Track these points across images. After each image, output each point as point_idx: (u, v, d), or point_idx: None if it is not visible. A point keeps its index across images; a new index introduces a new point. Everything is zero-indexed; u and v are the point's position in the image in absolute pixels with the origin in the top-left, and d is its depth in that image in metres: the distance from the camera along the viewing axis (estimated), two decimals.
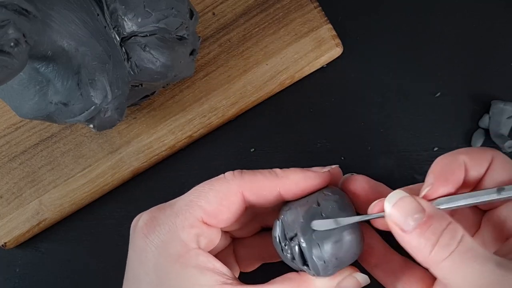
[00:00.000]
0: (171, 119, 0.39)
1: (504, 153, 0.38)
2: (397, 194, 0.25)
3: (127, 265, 0.29)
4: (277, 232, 0.28)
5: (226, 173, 0.29)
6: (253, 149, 0.39)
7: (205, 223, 0.28)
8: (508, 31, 0.40)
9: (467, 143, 0.38)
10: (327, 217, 0.27)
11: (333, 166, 0.30)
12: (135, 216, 0.39)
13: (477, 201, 0.26)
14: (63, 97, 0.30)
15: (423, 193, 0.26)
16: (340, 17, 0.40)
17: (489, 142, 0.38)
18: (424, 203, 0.24)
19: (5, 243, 0.38)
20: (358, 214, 0.28)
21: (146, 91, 0.36)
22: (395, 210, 0.24)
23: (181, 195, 0.39)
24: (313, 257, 0.26)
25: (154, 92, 0.37)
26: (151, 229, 0.28)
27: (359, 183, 0.30)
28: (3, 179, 0.39)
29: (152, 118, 0.39)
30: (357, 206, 0.30)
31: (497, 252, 0.26)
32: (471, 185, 0.27)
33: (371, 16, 0.41)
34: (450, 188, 0.26)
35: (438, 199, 0.26)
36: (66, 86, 0.30)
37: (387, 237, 0.31)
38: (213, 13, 0.40)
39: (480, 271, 0.22)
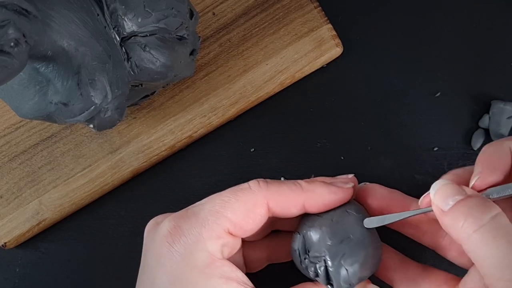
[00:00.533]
0: (171, 119, 0.39)
1: None
2: (441, 182, 0.26)
3: (142, 268, 0.29)
4: (297, 245, 0.29)
5: (250, 183, 0.29)
6: (253, 149, 0.39)
7: (230, 234, 0.28)
8: (508, 31, 0.40)
9: (467, 143, 0.38)
10: (354, 238, 0.28)
11: (350, 176, 0.30)
12: (135, 216, 0.39)
13: None
14: (63, 97, 0.30)
15: (472, 183, 0.26)
16: (340, 17, 0.40)
17: (489, 142, 0.38)
18: (466, 188, 0.25)
19: (5, 243, 0.38)
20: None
21: (146, 91, 0.36)
22: (437, 194, 0.25)
23: (181, 195, 0.39)
24: (341, 281, 0.27)
25: (154, 92, 0.37)
26: (176, 238, 0.28)
27: (374, 193, 0.30)
28: (3, 179, 0.39)
29: (152, 118, 0.39)
30: (372, 214, 0.30)
31: None
32: None
33: (371, 16, 0.41)
34: (498, 176, 0.26)
35: (488, 190, 0.26)
36: (66, 86, 0.30)
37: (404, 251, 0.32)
38: (213, 13, 0.40)
39: (509, 249, 0.22)
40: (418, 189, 0.37)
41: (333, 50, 0.39)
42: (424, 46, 0.40)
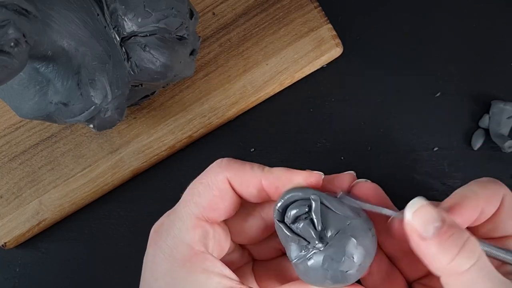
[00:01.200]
0: (171, 119, 0.39)
1: (504, 153, 0.38)
2: (418, 201, 0.25)
3: (141, 274, 0.29)
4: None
5: (214, 163, 0.29)
6: (253, 149, 0.39)
7: (207, 221, 0.28)
8: (508, 31, 0.40)
9: (467, 143, 0.38)
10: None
11: (350, 172, 0.30)
12: (135, 216, 0.39)
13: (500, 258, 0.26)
14: (63, 97, 0.30)
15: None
16: (340, 17, 0.40)
17: (489, 142, 0.38)
18: (444, 213, 0.24)
19: (5, 243, 0.38)
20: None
21: (146, 91, 0.36)
22: (415, 217, 0.24)
23: (181, 195, 0.39)
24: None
25: (154, 92, 0.37)
26: (158, 236, 0.28)
27: (370, 190, 0.30)
28: (3, 179, 0.39)
29: (152, 118, 0.39)
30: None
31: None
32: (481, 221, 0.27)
33: (371, 16, 0.41)
34: (460, 223, 0.26)
35: None
36: (66, 86, 0.30)
37: None
38: (213, 13, 0.40)
39: None
40: (418, 189, 0.37)
41: (333, 50, 0.39)
42: (424, 46, 0.40)
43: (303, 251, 0.26)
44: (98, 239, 0.39)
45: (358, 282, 0.28)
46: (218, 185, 0.28)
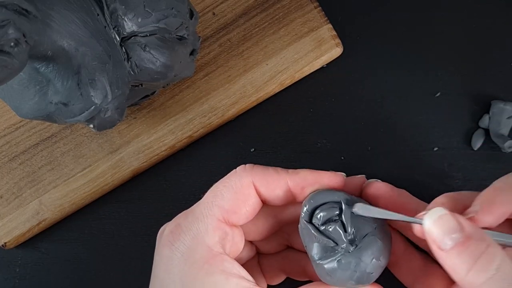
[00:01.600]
0: (171, 119, 0.39)
1: (504, 153, 0.38)
2: (437, 211, 0.25)
3: (152, 273, 0.29)
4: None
5: (238, 168, 0.29)
6: (253, 149, 0.39)
7: (227, 223, 0.28)
8: (508, 31, 0.40)
9: (467, 143, 0.38)
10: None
11: (359, 176, 0.31)
12: (135, 216, 0.39)
13: None
14: (63, 97, 0.30)
15: (469, 215, 0.26)
16: (340, 17, 0.40)
17: (489, 142, 0.38)
18: (464, 222, 0.24)
19: (5, 243, 0.38)
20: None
21: (146, 91, 0.36)
22: (434, 227, 0.24)
23: (181, 195, 0.39)
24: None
25: (154, 92, 0.37)
26: (176, 237, 0.28)
27: (382, 192, 0.30)
28: (3, 179, 0.39)
29: (152, 118, 0.39)
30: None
31: None
32: None
33: (371, 16, 0.41)
34: (494, 221, 0.25)
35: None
36: (66, 86, 0.30)
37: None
38: (213, 13, 0.40)
39: None
40: (418, 189, 0.37)
41: (333, 50, 0.39)
42: (424, 46, 0.40)
43: (329, 252, 0.27)
44: (98, 239, 0.39)
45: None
46: (242, 189, 0.28)
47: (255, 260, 0.34)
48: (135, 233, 0.39)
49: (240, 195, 0.28)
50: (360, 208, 0.27)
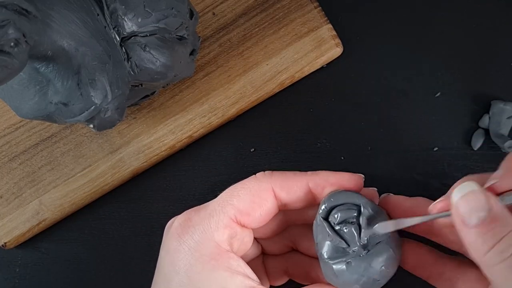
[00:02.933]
0: (171, 119, 0.39)
1: (504, 153, 0.38)
2: (468, 186, 0.25)
3: (157, 266, 0.29)
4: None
5: (257, 174, 0.29)
6: (253, 149, 0.39)
7: (239, 223, 0.28)
8: (508, 31, 0.40)
9: (467, 143, 0.38)
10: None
11: (372, 188, 0.31)
12: (135, 216, 0.39)
13: None
14: (63, 97, 0.30)
15: (487, 184, 0.25)
16: (340, 17, 0.40)
17: (489, 142, 0.38)
18: (493, 201, 0.24)
19: (5, 243, 0.38)
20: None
21: (146, 91, 0.36)
22: (462, 202, 0.24)
23: (181, 195, 0.39)
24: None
25: (154, 92, 0.37)
26: (185, 230, 0.28)
27: (398, 205, 0.30)
28: (3, 179, 0.39)
29: (152, 118, 0.39)
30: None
31: None
32: None
33: (371, 16, 0.41)
34: None
35: (508, 194, 0.25)
36: (66, 86, 0.30)
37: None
38: (213, 13, 0.40)
39: None
40: (418, 189, 0.37)
41: (333, 50, 0.39)
42: (424, 46, 0.40)
43: (340, 252, 0.27)
44: (98, 239, 0.39)
45: None
46: (260, 193, 0.28)
47: (260, 259, 0.34)
48: (135, 233, 0.39)
49: (257, 198, 0.28)
50: (381, 227, 0.27)
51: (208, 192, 0.30)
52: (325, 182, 0.29)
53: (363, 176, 0.30)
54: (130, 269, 0.38)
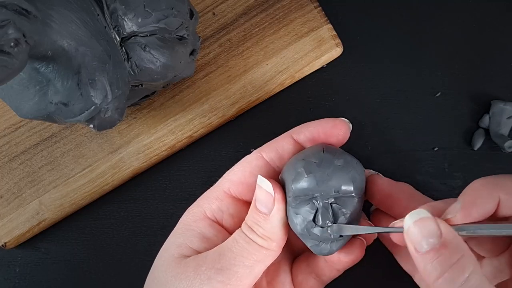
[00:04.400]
0: (171, 119, 0.39)
1: (504, 153, 0.38)
2: (420, 213, 0.25)
3: None
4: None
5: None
6: (253, 149, 0.39)
7: (233, 196, 0.29)
8: (508, 31, 0.40)
9: (467, 143, 0.38)
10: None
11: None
12: (135, 216, 0.39)
13: (503, 234, 0.25)
14: (63, 97, 0.30)
15: (448, 217, 0.25)
16: (340, 17, 0.40)
17: (489, 142, 0.38)
18: (444, 228, 0.24)
19: (5, 243, 0.38)
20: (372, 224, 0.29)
21: (146, 91, 0.36)
22: (414, 228, 0.24)
23: (181, 195, 0.39)
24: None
25: (154, 92, 0.37)
26: (188, 211, 0.30)
27: (380, 187, 0.30)
28: (3, 179, 0.39)
29: (152, 118, 0.39)
30: (377, 204, 0.31)
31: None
32: (499, 219, 0.27)
33: (371, 16, 0.41)
34: (476, 218, 0.25)
35: (462, 225, 0.25)
36: (66, 86, 0.30)
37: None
38: (213, 13, 0.40)
39: None
40: (418, 189, 0.37)
41: (333, 50, 0.39)
42: (424, 46, 0.40)
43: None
44: (98, 240, 0.39)
45: None
46: (251, 162, 0.29)
47: (287, 262, 0.32)
48: (135, 233, 0.39)
49: (248, 167, 0.29)
50: (336, 230, 0.27)
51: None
52: (306, 130, 0.29)
53: (347, 121, 0.30)
54: (130, 269, 0.38)
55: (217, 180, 0.30)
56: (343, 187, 0.27)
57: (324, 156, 0.27)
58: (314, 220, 0.27)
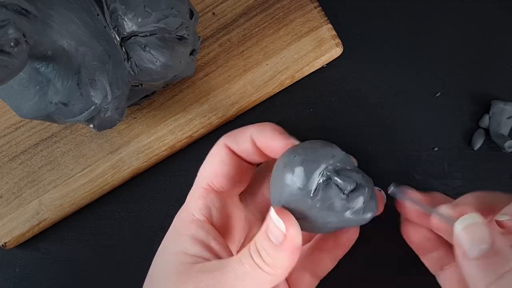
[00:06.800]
0: (171, 119, 0.39)
1: (504, 153, 0.38)
2: (472, 218, 0.24)
3: None
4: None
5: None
6: None
7: (213, 189, 0.29)
8: (508, 31, 0.40)
9: (467, 143, 0.38)
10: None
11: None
12: (135, 216, 0.39)
13: None
14: (63, 97, 0.30)
15: (500, 219, 0.25)
16: (340, 17, 0.40)
17: (489, 142, 0.38)
18: (496, 236, 0.23)
19: (5, 243, 0.38)
20: None
21: (146, 91, 0.36)
22: (464, 233, 0.24)
23: (181, 195, 0.39)
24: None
25: (154, 92, 0.37)
26: (176, 216, 0.30)
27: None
28: (3, 179, 0.39)
29: (152, 118, 0.39)
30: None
31: None
32: None
33: (371, 16, 0.41)
34: None
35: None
36: (66, 86, 0.30)
37: None
38: (213, 13, 0.40)
39: None
40: (418, 189, 0.37)
41: (333, 50, 0.39)
42: (424, 46, 0.40)
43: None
44: (98, 239, 0.39)
45: None
46: (219, 153, 0.29)
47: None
48: (135, 233, 0.39)
49: (217, 157, 0.29)
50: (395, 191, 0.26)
51: None
52: (266, 136, 0.28)
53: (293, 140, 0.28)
54: (130, 269, 0.38)
55: None
56: (335, 152, 0.26)
57: (297, 149, 0.26)
58: (342, 192, 0.25)
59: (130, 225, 0.39)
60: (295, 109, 0.40)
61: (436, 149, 0.38)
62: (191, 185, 0.39)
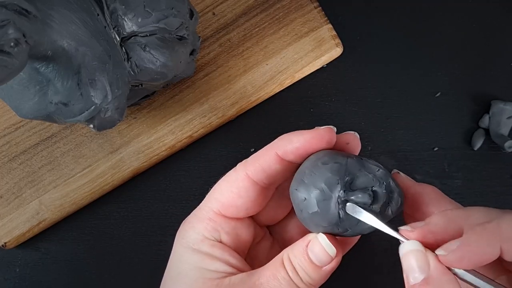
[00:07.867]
0: (171, 119, 0.39)
1: (504, 153, 0.38)
2: (412, 245, 0.24)
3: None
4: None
5: (237, 164, 0.30)
6: (253, 149, 0.39)
7: (224, 216, 0.29)
8: (508, 31, 0.40)
9: (467, 143, 0.38)
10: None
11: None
12: (135, 216, 0.39)
13: None
14: (63, 97, 0.30)
15: (442, 253, 0.24)
16: (340, 17, 0.40)
17: (489, 142, 0.38)
18: (433, 264, 0.23)
19: (5, 243, 0.38)
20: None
21: (146, 91, 0.36)
22: (404, 258, 0.24)
23: (181, 195, 0.39)
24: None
25: (154, 92, 0.37)
26: (181, 230, 0.29)
27: (405, 183, 0.29)
28: (3, 179, 0.39)
29: (152, 118, 0.39)
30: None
31: None
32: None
33: (371, 16, 0.41)
34: (469, 266, 0.24)
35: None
36: (66, 86, 0.30)
37: None
38: (213, 13, 0.40)
39: None
40: None
41: (333, 50, 0.39)
42: (424, 46, 0.40)
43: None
44: (98, 239, 0.39)
45: None
46: (237, 183, 0.29)
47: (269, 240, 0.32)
48: (135, 233, 0.39)
49: (235, 188, 0.29)
50: (350, 209, 0.26)
51: (208, 192, 0.31)
52: (290, 145, 0.28)
53: (333, 128, 0.28)
54: (130, 269, 0.38)
55: (216, 180, 0.30)
56: (338, 167, 0.26)
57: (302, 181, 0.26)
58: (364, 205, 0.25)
59: (130, 225, 0.39)
60: (295, 109, 0.40)
61: (436, 149, 0.38)
62: (191, 185, 0.39)
